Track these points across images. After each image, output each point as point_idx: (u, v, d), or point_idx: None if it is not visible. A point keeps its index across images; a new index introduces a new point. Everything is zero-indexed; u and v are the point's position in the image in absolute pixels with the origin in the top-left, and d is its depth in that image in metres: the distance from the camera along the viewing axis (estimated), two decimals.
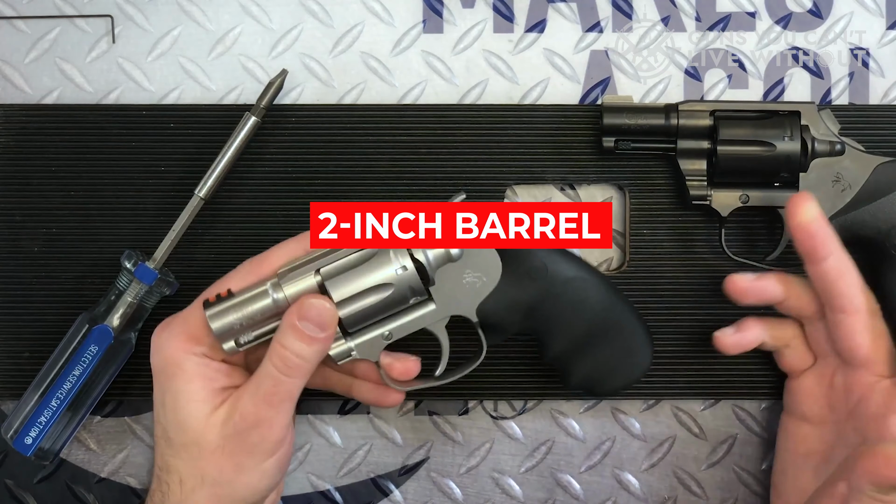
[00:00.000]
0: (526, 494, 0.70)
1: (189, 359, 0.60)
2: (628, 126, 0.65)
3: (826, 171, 0.64)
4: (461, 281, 0.62)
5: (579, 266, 0.64)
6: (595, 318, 0.63)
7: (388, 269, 0.60)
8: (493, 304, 0.62)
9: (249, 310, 0.60)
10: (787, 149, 0.63)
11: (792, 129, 0.64)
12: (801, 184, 0.64)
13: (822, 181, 0.64)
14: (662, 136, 0.66)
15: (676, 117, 0.65)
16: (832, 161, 0.64)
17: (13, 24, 0.70)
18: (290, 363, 0.58)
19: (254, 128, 0.66)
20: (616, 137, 0.66)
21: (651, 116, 0.65)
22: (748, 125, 0.64)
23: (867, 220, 0.64)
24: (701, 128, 0.65)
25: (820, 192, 0.64)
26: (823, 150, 0.64)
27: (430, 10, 0.71)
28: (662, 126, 0.65)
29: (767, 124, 0.64)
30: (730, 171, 0.65)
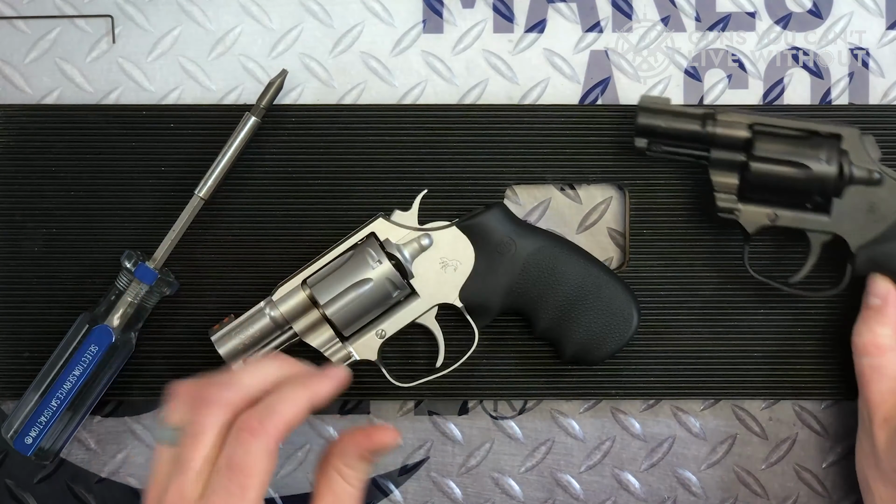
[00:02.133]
0: (526, 494, 0.70)
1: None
2: (663, 129, 0.63)
3: (860, 198, 0.62)
4: (439, 269, 0.65)
5: (545, 236, 0.66)
6: (572, 285, 0.65)
7: (364, 266, 0.64)
8: (473, 287, 0.65)
9: (250, 331, 0.64)
10: (822, 172, 0.61)
11: (830, 152, 0.62)
12: (834, 209, 0.62)
13: (855, 209, 0.62)
14: (697, 143, 0.64)
15: (714, 125, 0.63)
16: (868, 190, 0.62)
17: (13, 24, 0.70)
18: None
19: (254, 128, 0.66)
20: (649, 139, 0.64)
21: (688, 122, 0.63)
22: (786, 143, 0.62)
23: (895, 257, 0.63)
24: (737, 139, 0.63)
25: (851, 219, 0.62)
26: (861, 176, 0.62)
27: (430, 10, 0.71)
28: (698, 133, 0.63)
29: (806, 144, 0.62)
30: (761, 188, 0.63)
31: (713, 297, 0.69)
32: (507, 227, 0.66)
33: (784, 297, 0.68)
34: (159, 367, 0.69)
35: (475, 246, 0.66)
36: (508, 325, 0.69)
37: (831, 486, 0.70)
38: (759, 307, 0.69)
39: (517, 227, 0.66)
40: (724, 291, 0.69)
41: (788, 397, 0.69)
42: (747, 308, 0.69)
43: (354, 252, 0.64)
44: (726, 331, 0.69)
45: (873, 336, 0.63)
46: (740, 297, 0.69)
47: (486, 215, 0.66)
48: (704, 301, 0.69)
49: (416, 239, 0.65)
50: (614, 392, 0.69)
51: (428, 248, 0.65)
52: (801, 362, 0.69)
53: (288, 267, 0.67)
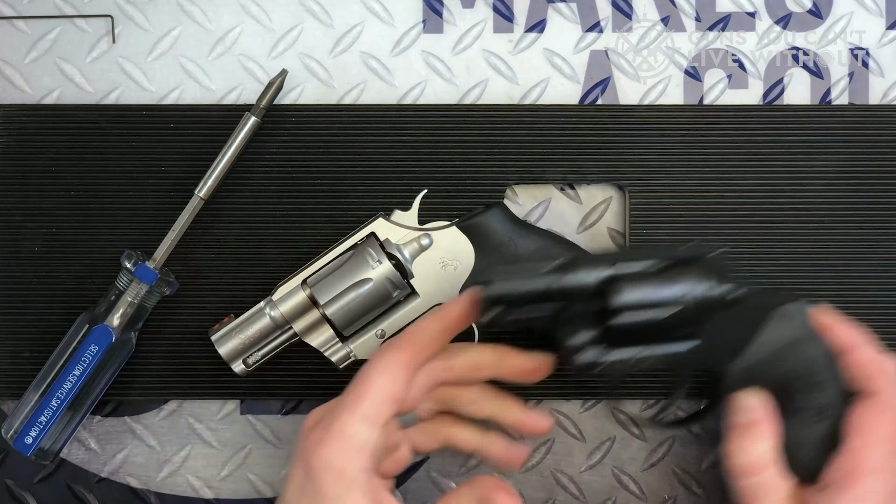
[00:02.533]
0: (526, 494, 0.70)
1: (360, 476, 0.55)
2: (514, 295, 0.57)
3: (724, 319, 0.58)
4: (439, 269, 0.65)
5: (545, 236, 0.66)
6: None
7: (364, 266, 0.64)
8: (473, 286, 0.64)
9: (250, 331, 0.64)
10: (693, 307, 0.56)
11: (692, 283, 0.57)
12: (702, 334, 0.58)
13: (719, 332, 0.58)
14: (550, 300, 0.57)
15: (565, 278, 0.57)
16: (729, 311, 0.58)
17: (13, 24, 0.70)
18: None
19: (254, 128, 0.66)
20: (497, 311, 0.57)
21: (537, 281, 0.57)
22: (647, 285, 0.57)
23: (765, 370, 0.59)
24: (593, 287, 0.57)
25: (719, 342, 0.58)
26: (721, 297, 0.57)
27: (430, 10, 0.71)
28: (549, 291, 0.57)
29: (668, 280, 0.57)
30: (624, 335, 0.57)
31: None
32: (506, 227, 0.66)
33: None
34: (159, 367, 0.69)
35: (475, 246, 0.66)
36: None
37: None
38: None
39: (517, 227, 0.66)
40: None
41: None
42: None
43: (354, 252, 0.65)
44: None
45: (750, 455, 0.59)
46: None
47: (486, 215, 0.66)
48: None
49: (416, 239, 0.65)
50: (614, 392, 0.69)
51: (428, 248, 0.65)
52: None
53: (288, 267, 0.67)
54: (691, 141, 0.69)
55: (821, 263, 0.69)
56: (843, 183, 0.69)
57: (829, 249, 0.69)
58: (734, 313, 0.58)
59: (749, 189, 0.69)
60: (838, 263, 0.69)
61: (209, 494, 0.70)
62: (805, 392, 0.58)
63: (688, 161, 0.69)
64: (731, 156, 0.69)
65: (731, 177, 0.69)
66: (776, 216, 0.69)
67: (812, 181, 0.69)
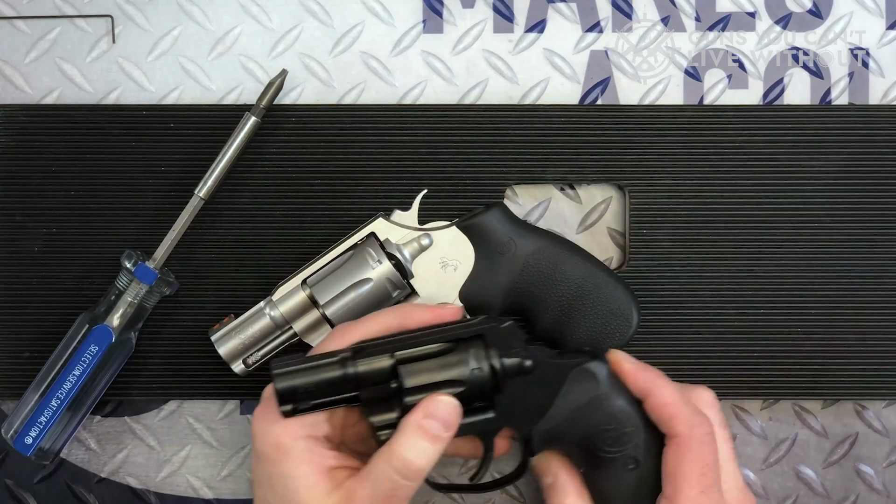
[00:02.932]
0: (527, 494, 0.70)
1: (295, 444, 0.57)
2: (305, 387, 0.57)
3: (519, 386, 0.59)
4: (439, 269, 0.65)
5: (545, 236, 0.66)
6: (572, 286, 0.65)
7: (364, 266, 0.64)
8: (473, 287, 0.65)
9: (250, 331, 0.64)
10: (477, 378, 0.57)
11: (479, 358, 0.58)
12: (497, 405, 0.58)
13: (516, 398, 0.59)
14: (344, 387, 0.57)
15: (355, 365, 0.57)
16: (523, 377, 0.59)
17: (13, 24, 0.70)
18: (412, 467, 0.56)
19: (254, 128, 0.66)
20: (294, 403, 0.57)
21: (328, 370, 0.57)
22: (433, 363, 0.57)
23: (570, 428, 0.60)
24: (384, 371, 0.57)
25: (516, 409, 0.59)
26: (513, 367, 0.58)
27: (430, 10, 0.71)
28: (343, 377, 0.57)
29: (452, 359, 0.57)
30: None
31: (713, 297, 0.69)
32: (506, 227, 0.66)
33: (783, 296, 0.68)
34: (159, 367, 0.69)
35: (475, 246, 0.66)
36: None
37: (831, 487, 0.70)
38: (758, 307, 0.69)
39: (517, 227, 0.66)
40: (723, 291, 0.69)
41: (788, 397, 0.69)
42: (747, 308, 0.69)
43: (354, 252, 0.65)
44: (726, 331, 0.69)
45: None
46: (740, 297, 0.69)
47: (486, 215, 0.66)
48: (704, 301, 0.69)
49: (416, 239, 0.65)
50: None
51: (428, 248, 0.65)
52: (802, 362, 0.69)
53: (288, 267, 0.67)
54: (691, 141, 0.69)
55: (821, 263, 0.69)
56: (843, 183, 0.69)
57: (829, 249, 0.69)
58: (534, 378, 0.59)
59: (749, 189, 0.69)
60: (838, 263, 0.69)
61: (209, 494, 0.70)
62: (613, 444, 0.60)
63: (688, 161, 0.69)
64: (731, 156, 0.69)
65: (731, 177, 0.69)
66: (776, 216, 0.69)
67: (812, 181, 0.69)
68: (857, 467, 0.70)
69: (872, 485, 0.70)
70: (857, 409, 0.70)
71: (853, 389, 0.69)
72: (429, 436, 0.56)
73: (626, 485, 0.61)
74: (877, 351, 0.69)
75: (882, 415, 0.70)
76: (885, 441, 0.70)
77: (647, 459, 0.61)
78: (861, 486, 0.70)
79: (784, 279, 0.69)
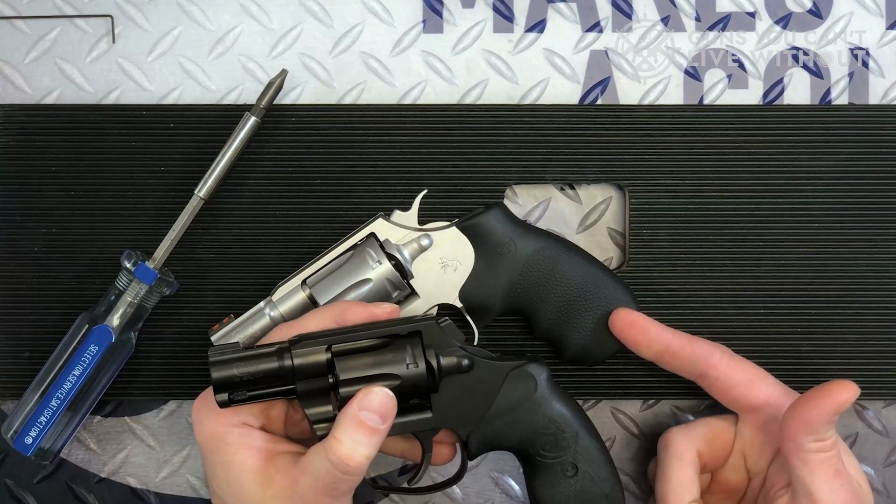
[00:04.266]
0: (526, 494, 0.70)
1: (230, 431, 0.59)
2: (240, 377, 0.57)
3: (457, 386, 0.59)
4: (439, 269, 0.65)
5: (545, 236, 0.66)
6: (572, 286, 0.65)
7: (364, 266, 0.64)
8: (473, 287, 0.65)
9: (250, 331, 0.64)
10: (412, 375, 0.58)
11: (414, 352, 0.58)
12: (434, 404, 0.59)
13: (454, 398, 0.59)
14: (279, 379, 0.57)
15: (291, 357, 0.57)
16: (461, 377, 0.59)
17: (13, 24, 0.70)
18: (351, 462, 0.55)
19: (254, 128, 0.66)
20: (230, 392, 0.57)
21: (263, 361, 0.57)
22: (368, 357, 0.58)
23: (508, 431, 0.61)
24: (319, 365, 0.58)
25: (454, 409, 0.59)
26: (450, 366, 0.59)
27: (430, 10, 0.71)
28: (278, 369, 0.57)
29: (388, 354, 0.58)
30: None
31: (713, 296, 0.69)
32: (507, 228, 0.66)
33: (783, 296, 0.68)
34: (159, 367, 0.69)
35: (475, 246, 0.66)
36: (508, 326, 0.69)
37: None
38: (758, 306, 0.69)
39: (517, 228, 0.66)
40: (723, 291, 0.69)
41: None
42: (747, 308, 0.69)
43: (354, 252, 0.65)
44: (726, 330, 0.69)
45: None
46: (740, 297, 0.69)
47: (486, 215, 0.66)
48: (704, 301, 0.69)
49: (415, 239, 0.65)
50: (614, 392, 0.69)
51: (428, 248, 0.65)
52: (801, 362, 0.69)
53: (288, 267, 0.67)
54: (691, 141, 0.69)
55: (821, 263, 0.69)
56: (843, 183, 0.69)
57: (829, 249, 0.69)
58: (472, 379, 0.59)
59: (749, 189, 0.69)
60: (838, 263, 0.69)
61: (209, 494, 0.70)
62: (552, 449, 0.61)
63: (688, 161, 0.69)
64: (731, 156, 0.69)
65: (731, 177, 0.69)
66: (776, 216, 0.69)
67: (812, 181, 0.69)
68: None
69: (872, 485, 0.70)
70: (857, 409, 0.70)
71: None
72: (365, 428, 0.56)
73: (564, 492, 0.61)
74: (877, 351, 0.69)
75: (882, 415, 0.70)
76: (885, 441, 0.70)
77: (586, 466, 0.61)
78: None
79: (784, 279, 0.69)
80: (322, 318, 0.60)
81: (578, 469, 0.61)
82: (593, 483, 0.61)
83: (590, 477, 0.61)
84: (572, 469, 0.61)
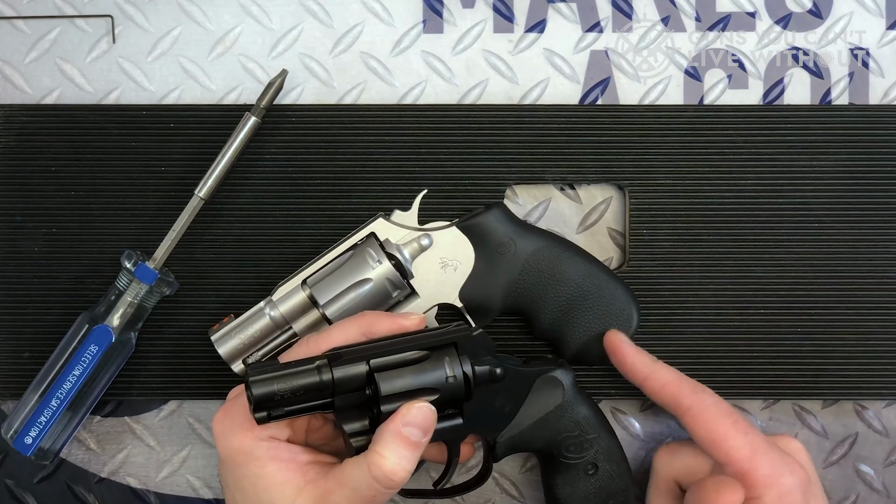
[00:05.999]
0: (527, 494, 0.70)
1: (258, 445, 0.58)
2: (282, 393, 0.56)
3: (487, 394, 0.60)
4: (439, 269, 0.65)
5: (545, 236, 0.66)
6: (572, 286, 0.65)
7: (364, 266, 0.64)
8: (473, 287, 0.65)
9: (250, 331, 0.64)
10: (451, 387, 0.58)
11: (453, 367, 0.58)
12: (466, 412, 0.59)
13: (484, 406, 0.60)
14: (319, 394, 0.57)
15: (331, 371, 0.57)
16: (492, 385, 0.60)
17: (13, 24, 0.70)
18: (394, 477, 0.55)
19: (254, 128, 0.66)
20: (269, 410, 0.56)
21: (304, 376, 0.57)
22: (408, 371, 0.58)
23: (535, 435, 0.62)
24: (360, 379, 0.57)
25: (484, 416, 0.60)
26: (484, 375, 0.59)
27: (430, 10, 0.71)
28: (319, 383, 0.57)
29: (427, 367, 0.58)
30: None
31: (713, 296, 0.69)
32: (507, 227, 0.66)
33: (783, 296, 0.68)
34: (159, 367, 0.69)
35: (475, 246, 0.66)
36: (508, 325, 0.69)
37: (831, 487, 0.70)
38: (758, 307, 0.69)
39: (517, 227, 0.66)
40: (723, 291, 0.69)
41: (788, 397, 0.69)
42: (747, 308, 0.69)
43: (354, 252, 0.65)
44: (726, 330, 0.69)
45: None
46: (740, 297, 0.69)
47: (486, 215, 0.66)
48: (704, 301, 0.69)
49: (415, 239, 0.65)
50: (614, 392, 0.69)
51: (428, 248, 0.65)
52: (802, 362, 0.69)
53: (288, 267, 0.67)
54: (691, 141, 0.69)
55: (821, 263, 0.69)
56: (843, 183, 0.69)
57: (829, 249, 0.69)
58: (501, 386, 0.60)
59: (749, 189, 0.69)
60: (838, 263, 0.69)
61: (209, 494, 0.70)
62: (575, 450, 0.63)
63: (688, 161, 0.69)
64: (731, 156, 0.69)
65: (731, 177, 0.69)
66: (776, 216, 0.69)
67: (812, 181, 0.69)
68: (857, 467, 0.70)
69: (872, 485, 0.70)
70: (857, 409, 0.70)
71: (853, 389, 0.69)
72: (408, 443, 0.56)
73: (584, 489, 0.63)
74: (877, 351, 0.69)
75: (882, 415, 0.70)
76: (885, 441, 0.70)
77: (606, 464, 0.63)
78: (861, 486, 0.70)
79: (784, 279, 0.69)
80: (349, 331, 0.60)
81: (598, 468, 0.63)
82: (611, 480, 0.63)
83: (609, 475, 0.63)
84: (593, 468, 0.63)
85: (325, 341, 0.59)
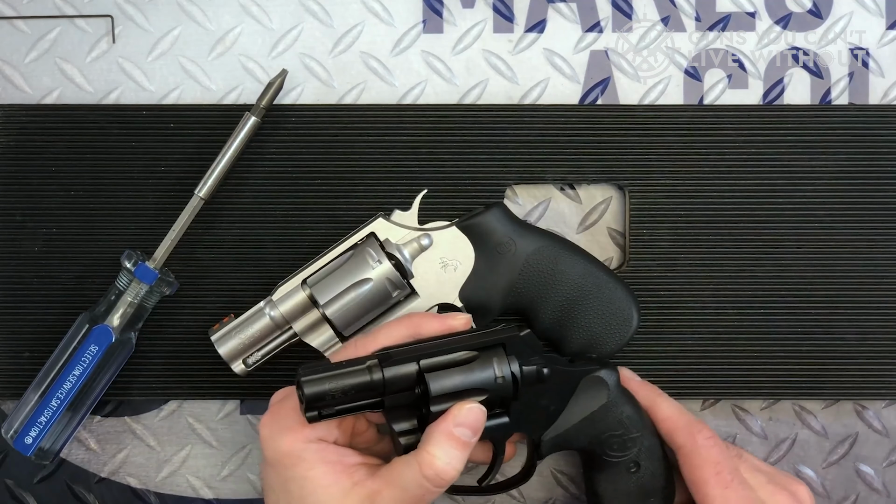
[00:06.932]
0: (527, 494, 0.70)
1: (307, 447, 0.58)
2: (334, 392, 0.56)
3: (533, 393, 0.60)
4: (439, 269, 0.65)
5: (545, 236, 0.66)
6: (572, 285, 0.65)
7: (364, 266, 0.64)
8: (473, 287, 0.65)
9: (250, 331, 0.64)
10: (500, 387, 0.58)
11: (500, 365, 0.58)
12: (513, 411, 0.59)
13: (531, 404, 0.60)
14: (370, 393, 0.57)
15: (381, 371, 0.57)
16: (538, 385, 0.60)
17: (13, 24, 0.70)
18: (445, 476, 0.56)
19: (254, 128, 0.66)
20: (320, 409, 0.57)
21: (355, 376, 0.57)
22: (457, 371, 0.58)
23: (580, 433, 0.62)
24: (410, 378, 0.58)
25: (530, 414, 0.61)
26: (531, 375, 0.59)
27: (430, 10, 0.71)
28: (369, 383, 0.57)
29: (476, 368, 0.58)
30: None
31: (713, 296, 0.69)
32: (506, 227, 0.66)
33: (783, 296, 0.68)
34: (159, 367, 0.69)
35: (475, 246, 0.66)
36: None
37: (831, 487, 0.70)
38: (758, 307, 0.69)
39: (517, 227, 0.66)
40: (723, 291, 0.69)
41: (788, 397, 0.69)
42: (747, 308, 0.69)
43: (354, 252, 0.65)
44: (726, 330, 0.69)
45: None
46: (740, 297, 0.69)
47: (486, 215, 0.66)
48: (704, 301, 0.69)
49: (415, 239, 0.65)
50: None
51: (428, 248, 0.65)
52: (802, 362, 0.69)
53: (288, 267, 0.67)
54: (691, 141, 0.69)
55: (821, 263, 0.69)
56: (843, 183, 0.69)
57: (829, 249, 0.69)
58: (547, 386, 0.60)
59: (749, 189, 0.69)
60: (838, 263, 0.69)
61: (209, 494, 0.70)
62: (619, 449, 0.63)
63: (688, 161, 0.69)
64: (731, 156, 0.69)
65: (731, 177, 0.69)
66: (776, 216, 0.69)
67: (812, 181, 0.69)
68: (857, 467, 0.70)
69: (872, 485, 0.70)
70: (857, 409, 0.70)
71: (853, 389, 0.69)
72: (459, 443, 0.57)
73: (625, 487, 0.63)
74: (877, 351, 0.69)
75: (882, 415, 0.70)
76: (885, 441, 0.70)
77: (647, 462, 0.63)
78: (861, 486, 0.70)
79: (784, 279, 0.69)
80: (396, 332, 0.60)
81: (640, 466, 0.63)
82: (653, 478, 0.63)
83: (650, 473, 0.63)
84: (635, 466, 0.63)
85: (373, 342, 0.60)
